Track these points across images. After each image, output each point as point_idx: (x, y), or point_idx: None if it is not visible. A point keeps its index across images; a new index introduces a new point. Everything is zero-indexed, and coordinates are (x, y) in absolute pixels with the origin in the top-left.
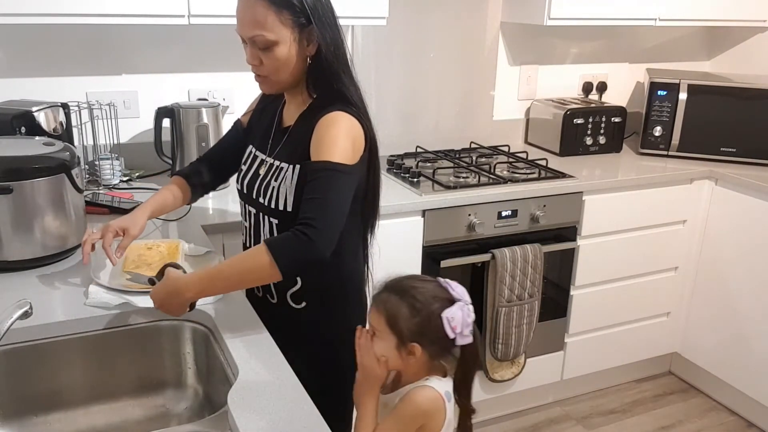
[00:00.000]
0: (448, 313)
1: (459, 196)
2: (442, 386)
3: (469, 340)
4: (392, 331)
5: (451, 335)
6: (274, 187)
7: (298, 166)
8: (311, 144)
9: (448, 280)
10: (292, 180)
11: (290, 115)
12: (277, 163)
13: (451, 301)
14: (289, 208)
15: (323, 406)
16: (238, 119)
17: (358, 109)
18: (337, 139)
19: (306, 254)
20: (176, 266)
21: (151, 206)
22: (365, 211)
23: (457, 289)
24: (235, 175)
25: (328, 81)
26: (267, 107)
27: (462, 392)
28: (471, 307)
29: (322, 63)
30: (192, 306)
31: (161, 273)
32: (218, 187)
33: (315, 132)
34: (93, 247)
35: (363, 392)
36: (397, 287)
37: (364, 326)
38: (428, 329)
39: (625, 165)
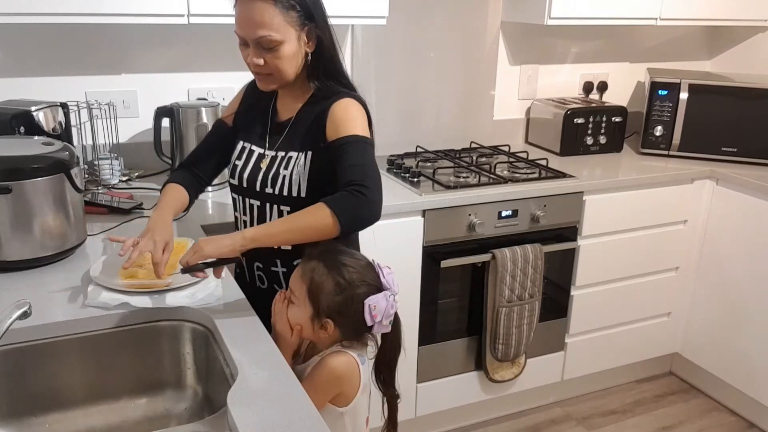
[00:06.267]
0: (371, 300)
1: (459, 196)
2: (356, 352)
3: (387, 330)
4: (310, 302)
5: (369, 323)
6: (285, 176)
7: (310, 153)
8: (328, 127)
9: (382, 265)
10: (305, 167)
11: (287, 108)
12: (282, 154)
13: (379, 288)
14: (303, 194)
15: None
16: (220, 120)
17: (359, 97)
18: (357, 120)
19: (364, 211)
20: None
21: (172, 213)
22: None
23: (388, 277)
24: (228, 172)
25: (330, 73)
26: (254, 105)
27: (385, 377)
28: (397, 298)
29: (323, 57)
30: (239, 260)
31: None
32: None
33: (331, 116)
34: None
35: None
36: (329, 259)
37: None
38: (348, 311)
39: (625, 165)
